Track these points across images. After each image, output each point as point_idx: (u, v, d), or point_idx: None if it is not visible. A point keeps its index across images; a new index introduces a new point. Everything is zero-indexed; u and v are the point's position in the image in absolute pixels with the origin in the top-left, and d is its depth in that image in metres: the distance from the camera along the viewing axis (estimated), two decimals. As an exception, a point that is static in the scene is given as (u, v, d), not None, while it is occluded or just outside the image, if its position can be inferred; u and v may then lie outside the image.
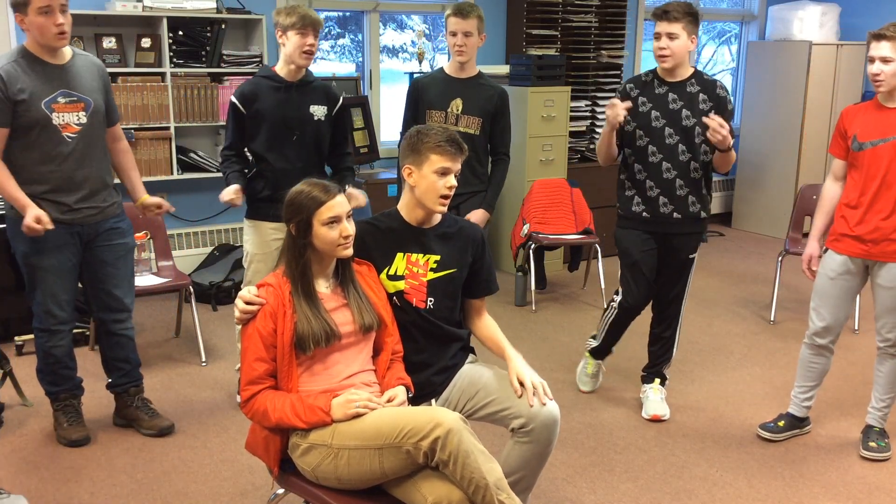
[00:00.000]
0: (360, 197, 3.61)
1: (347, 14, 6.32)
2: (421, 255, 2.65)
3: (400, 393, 2.47)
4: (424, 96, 3.94)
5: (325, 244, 2.42)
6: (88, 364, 4.08)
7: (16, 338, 4.44)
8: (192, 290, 4.52)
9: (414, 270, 2.64)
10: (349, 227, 2.43)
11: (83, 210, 3.31)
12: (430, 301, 2.66)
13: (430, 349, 2.69)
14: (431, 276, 2.65)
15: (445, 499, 2.20)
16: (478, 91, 3.90)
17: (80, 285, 3.53)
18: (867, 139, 3.26)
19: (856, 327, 5.03)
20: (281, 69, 3.57)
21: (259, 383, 2.38)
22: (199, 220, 5.66)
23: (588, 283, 5.85)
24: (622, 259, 3.74)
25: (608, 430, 3.69)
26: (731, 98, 3.61)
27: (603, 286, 5.49)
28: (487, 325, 2.88)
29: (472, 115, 3.87)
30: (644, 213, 3.62)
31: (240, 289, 5.20)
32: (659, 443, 3.59)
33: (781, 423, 3.61)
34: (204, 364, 4.37)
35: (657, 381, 3.87)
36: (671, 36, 3.43)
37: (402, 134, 3.99)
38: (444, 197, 2.57)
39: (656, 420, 3.78)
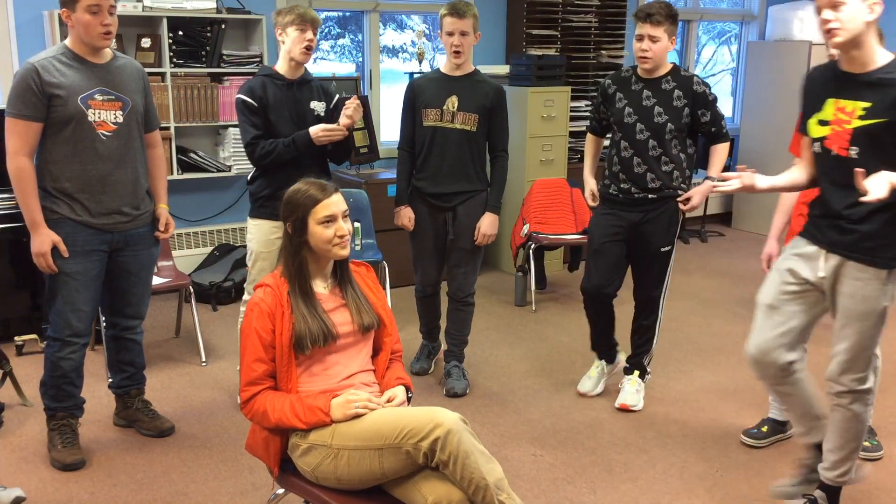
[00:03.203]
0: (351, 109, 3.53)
1: (347, 14, 6.32)
2: (850, 102, 2.59)
3: (399, 393, 2.48)
4: (421, 97, 3.91)
5: (320, 243, 2.42)
6: (88, 363, 4.04)
7: (16, 338, 4.44)
8: (192, 290, 4.53)
9: (840, 117, 2.60)
10: (345, 227, 2.43)
11: (114, 216, 3.22)
12: (854, 150, 2.60)
13: (844, 193, 2.64)
14: (857, 123, 2.58)
15: (445, 499, 2.20)
16: (473, 88, 3.87)
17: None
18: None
19: (856, 327, 5.02)
20: (281, 67, 3.60)
21: (258, 384, 2.38)
22: (199, 220, 5.66)
23: (588, 283, 5.85)
24: (588, 243, 3.91)
25: (608, 430, 3.69)
26: (709, 90, 3.66)
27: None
28: None
29: (469, 111, 3.83)
30: (619, 196, 3.73)
31: (240, 289, 5.29)
32: (659, 443, 3.59)
33: (765, 429, 3.59)
34: (204, 364, 4.37)
35: (636, 373, 3.92)
36: (653, 39, 3.51)
37: (401, 139, 4.00)
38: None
39: (624, 409, 3.84)
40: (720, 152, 3.74)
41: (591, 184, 3.87)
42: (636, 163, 3.65)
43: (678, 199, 3.67)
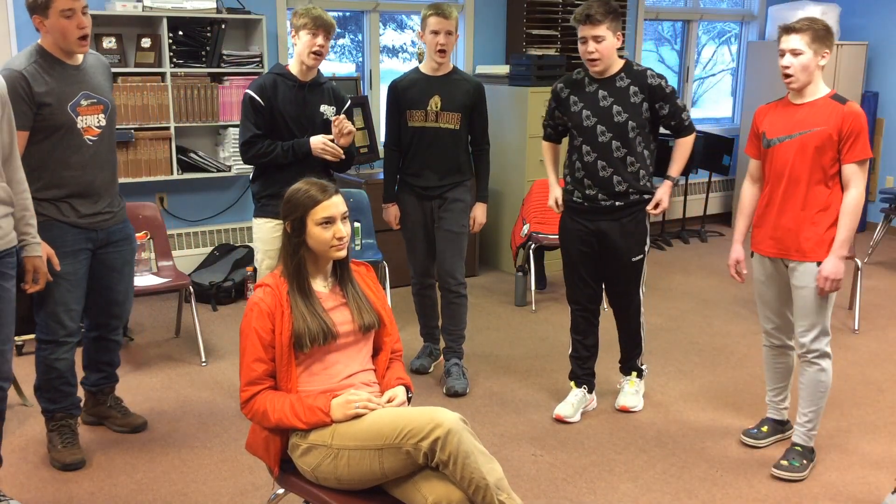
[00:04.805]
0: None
1: (347, 14, 6.32)
2: None
3: (400, 393, 2.48)
4: (404, 98, 3.97)
5: (318, 244, 2.42)
6: (78, 360, 4.07)
7: (16, 338, 4.43)
8: (192, 290, 4.52)
9: None
10: (343, 229, 2.43)
11: (99, 215, 3.24)
12: None
13: None
14: None
15: (445, 499, 2.20)
16: (454, 87, 3.95)
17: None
18: (775, 136, 3.27)
19: (856, 327, 5.03)
20: (293, 68, 3.63)
21: (258, 384, 2.38)
22: (199, 220, 5.66)
23: (588, 283, 5.84)
24: (561, 251, 3.88)
25: (608, 430, 3.69)
26: (665, 82, 3.56)
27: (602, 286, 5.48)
28: None
29: (451, 110, 3.92)
30: (584, 203, 3.64)
31: (240, 289, 5.28)
32: (659, 443, 3.59)
33: (765, 429, 3.58)
34: (204, 364, 4.37)
35: (633, 374, 3.92)
36: (597, 39, 3.44)
37: (387, 138, 4.05)
38: None
39: (625, 411, 3.84)
40: (683, 148, 3.65)
41: (556, 192, 3.78)
42: (601, 166, 3.55)
43: (648, 208, 3.60)
